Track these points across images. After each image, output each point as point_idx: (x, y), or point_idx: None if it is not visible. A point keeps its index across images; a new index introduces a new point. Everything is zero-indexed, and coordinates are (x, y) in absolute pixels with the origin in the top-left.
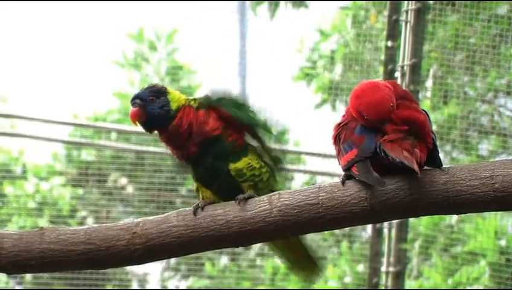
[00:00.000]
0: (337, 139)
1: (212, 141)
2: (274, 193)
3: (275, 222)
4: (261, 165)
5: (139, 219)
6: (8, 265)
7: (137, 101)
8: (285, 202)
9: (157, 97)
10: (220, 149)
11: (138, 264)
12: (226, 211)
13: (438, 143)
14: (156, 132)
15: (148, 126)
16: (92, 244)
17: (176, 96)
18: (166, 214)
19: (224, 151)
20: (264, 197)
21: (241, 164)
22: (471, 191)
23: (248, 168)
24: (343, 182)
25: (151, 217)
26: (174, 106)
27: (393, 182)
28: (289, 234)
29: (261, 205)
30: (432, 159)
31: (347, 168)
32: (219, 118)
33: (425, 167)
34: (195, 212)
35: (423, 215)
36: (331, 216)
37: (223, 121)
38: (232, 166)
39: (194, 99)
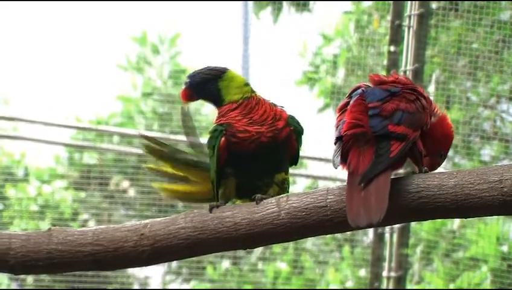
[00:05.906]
0: None
1: (279, 142)
2: (282, 195)
3: (283, 225)
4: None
5: (147, 221)
6: (16, 265)
7: (187, 81)
8: (293, 205)
9: (209, 82)
10: (282, 155)
11: (146, 265)
12: (234, 213)
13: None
14: None
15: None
16: (99, 245)
17: (234, 86)
18: (174, 215)
19: (282, 158)
20: (272, 200)
21: (285, 174)
22: (479, 195)
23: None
24: None
25: (158, 219)
26: (227, 97)
27: (400, 185)
28: (297, 237)
29: (269, 207)
30: None
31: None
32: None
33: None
34: (211, 211)
35: (431, 219)
36: (339, 219)
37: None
38: (279, 176)
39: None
